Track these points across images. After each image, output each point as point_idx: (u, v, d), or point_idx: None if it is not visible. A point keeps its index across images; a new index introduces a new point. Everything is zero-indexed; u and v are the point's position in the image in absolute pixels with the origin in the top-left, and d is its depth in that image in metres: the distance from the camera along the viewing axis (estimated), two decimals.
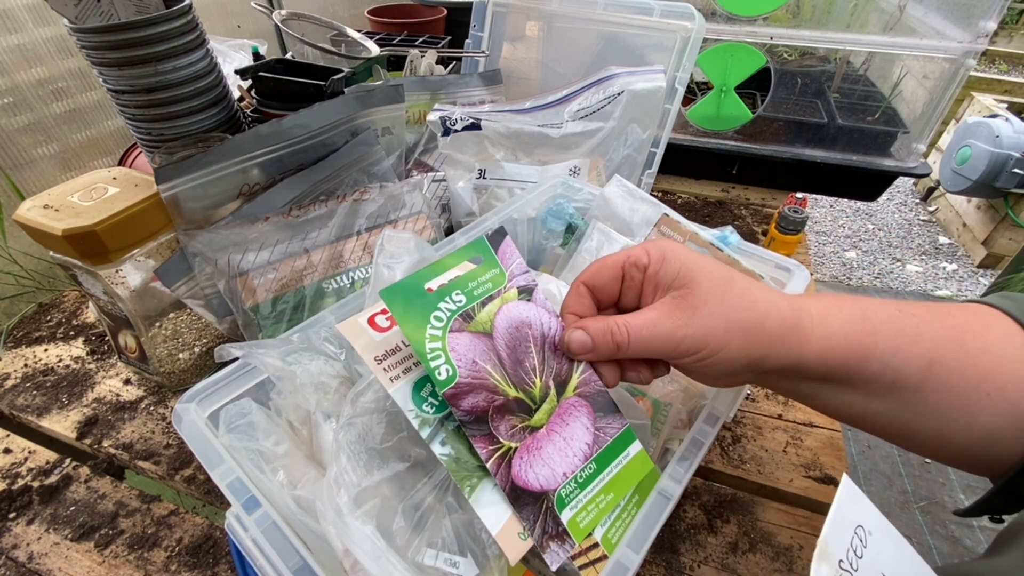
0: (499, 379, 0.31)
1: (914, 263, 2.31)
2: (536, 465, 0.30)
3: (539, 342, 0.33)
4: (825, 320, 0.31)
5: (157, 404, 0.56)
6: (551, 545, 0.29)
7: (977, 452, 0.31)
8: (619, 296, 0.35)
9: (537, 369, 0.33)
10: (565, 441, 0.32)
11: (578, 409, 0.33)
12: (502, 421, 0.31)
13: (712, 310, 0.30)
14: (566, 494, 0.31)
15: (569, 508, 0.30)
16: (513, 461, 0.30)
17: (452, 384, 0.30)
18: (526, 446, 0.31)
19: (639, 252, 0.33)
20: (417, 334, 0.30)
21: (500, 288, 0.34)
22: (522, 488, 0.30)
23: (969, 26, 0.76)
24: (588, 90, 0.64)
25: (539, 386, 0.32)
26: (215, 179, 0.50)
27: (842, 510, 0.25)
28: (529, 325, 0.33)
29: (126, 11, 0.53)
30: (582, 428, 0.33)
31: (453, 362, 0.30)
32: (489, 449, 0.30)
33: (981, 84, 2.72)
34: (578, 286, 0.35)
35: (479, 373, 0.31)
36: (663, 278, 0.32)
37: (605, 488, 0.32)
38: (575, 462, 0.32)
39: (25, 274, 0.80)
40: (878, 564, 0.25)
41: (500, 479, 0.29)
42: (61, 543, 0.45)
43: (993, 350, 0.30)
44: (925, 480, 1.42)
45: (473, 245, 0.35)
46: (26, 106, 0.80)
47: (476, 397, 0.30)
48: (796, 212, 0.73)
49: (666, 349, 0.31)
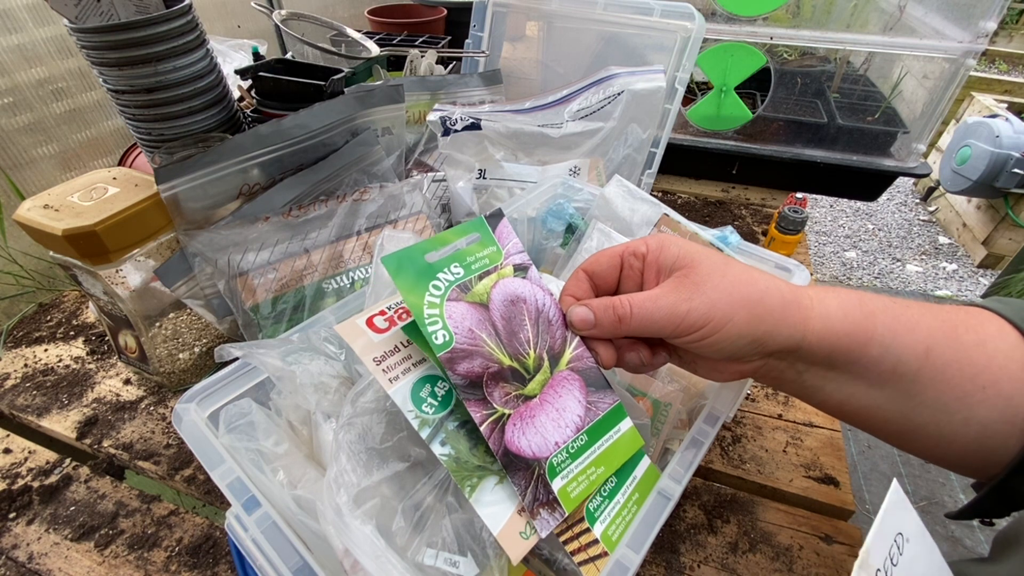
0: (494, 347, 0.32)
1: (914, 263, 2.31)
2: (529, 432, 0.31)
3: (533, 316, 0.34)
4: (824, 300, 0.32)
5: (157, 404, 0.56)
6: (541, 512, 0.30)
7: (973, 448, 0.31)
8: (617, 285, 0.35)
9: (531, 341, 0.33)
10: (557, 412, 0.32)
11: (571, 382, 0.34)
12: (496, 388, 0.31)
13: (715, 284, 0.31)
14: (558, 463, 0.31)
15: (560, 477, 0.31)
16: (506, 427, 0.31)
17: (448, 349, 0.30)
18: (519, 413, 0.31)
19: (637, 243, 0.34)
20: (416, 300, 0.31)
21: (497, 264, 0.35)
22: (514, 454, 0.30)
23: (969, 26, 0.76)
24: (588, 90, 0.64)
25: (533, 357, 0.33)
26: (215, 179, 0.50)
27: (888, 517, 0.25)
28: (524, 300, 0.34)
29: (126, 11, 0.53)
30: (574, 400, 0.33)
31: (450, 328, 0.31)
32: (483, 413, 0.30)
33: (981, 84, 2.72)
34: (578, 272, 0.35)
35: (475, 340, 0.31)
36: (664, 262, 0.33)
37: (596, 461, 0.33)
38: (567, 432, 0.32)
39: (25, 274, 0.80)
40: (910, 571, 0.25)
41: (493, 443, 0.30)
42: (61, 543, 0.45)
43: (987, 344, 0.30)
44: (925, 480, 1.42)
45: (472, 224, 0.35)
46: (26, 106, 0.80)
47: (472, 363, 0.31)
48: (796, 212, 0.73)
49: (671, 323, 0.31)
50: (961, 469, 0.33)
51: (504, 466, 0.30)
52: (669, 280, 0.32)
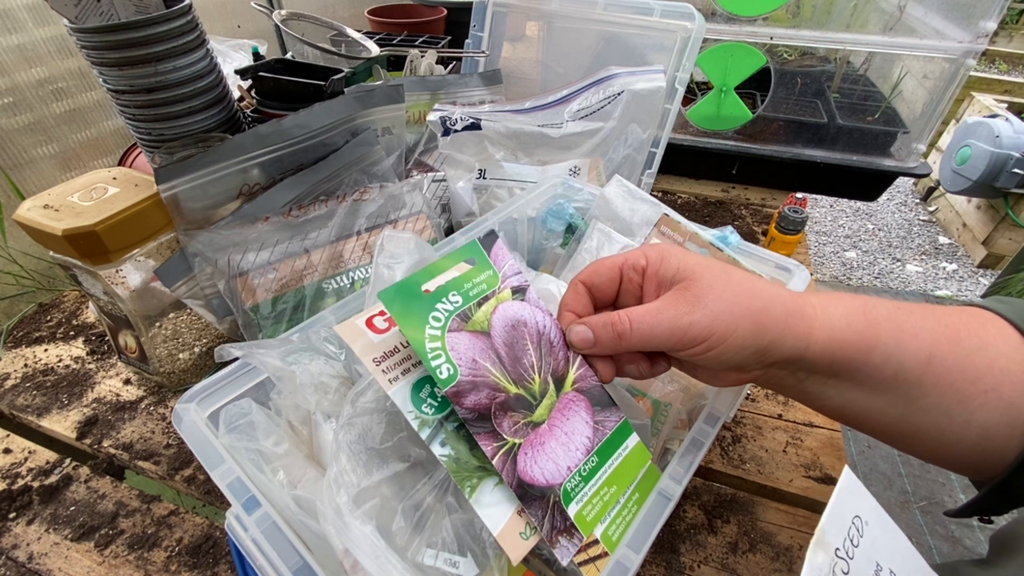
0: (499, 376, 0.32)
1: (914, 263, 2.31)
2: (540, 460, 0.31)
3: (535, 339, 0.34)
4: (827, 309, 0.31)
5: (157, 404, 0.56)
6: (560, 540, 0.30)
7: (974, 450, 0.31)
8: (616, 298, 0.35)
9: (535, 365, 0.33)
10: (567, 435, 0.32)
11: (576, 403, 0.33)
12: (505, 418, 0.31)
13: (717, 296, 0.30)
14: (571, 487, 0.31)
15: (575, 502, 0.31)
16: (518, 457, 0.30)
17: (454, 383, 0.30)
18: (529, 442, 0.31)
19: (637, 255, 0.33)
20: (417, 334, 0.30)
21: (494, 289, 0.34)
22: (529, 483, 0.30)
23: (969, 26, 0.76)
24: (588, 90, 0.64)
25: (538, 382, 0.33)
26: (215, 179, 0.50)
27: (841, 500, 0.26)
28: (524, 323, 0.34)
29: (126, 11, 0.53)
30: (582, 422, 0.33)
31: (454, 361, 0.30)
32: (494, 446, 0.30)
33: (981, 84, 2.72)
34: (576, 284, 0.35)
35: (479, 371, 0.31)
36: (664, 275, 0.32)
37: (608, 481, 0.32)
38: (578, 456, 0.32)
39: (25, 274, 0.80)
40: (873, 553, 0.25)
41: (507, 476, 0.30)
42: (61, 543, 0.45)
43: (989, 347, 0.30)
44: (925, 480, 1.42)
45: (466, 248, 0.35)
46: (26, 106, 0.80)
47: (478, 395, 0.30)
48: (796, 212, 0.73)
49: (673, 337, 0.30)
50: (962, 470, 0.33)
51: (519, 497, 0.29)
52: (669, 293, 0.31)
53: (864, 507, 0.26)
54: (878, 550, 0.25)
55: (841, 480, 0.26)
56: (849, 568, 0.24)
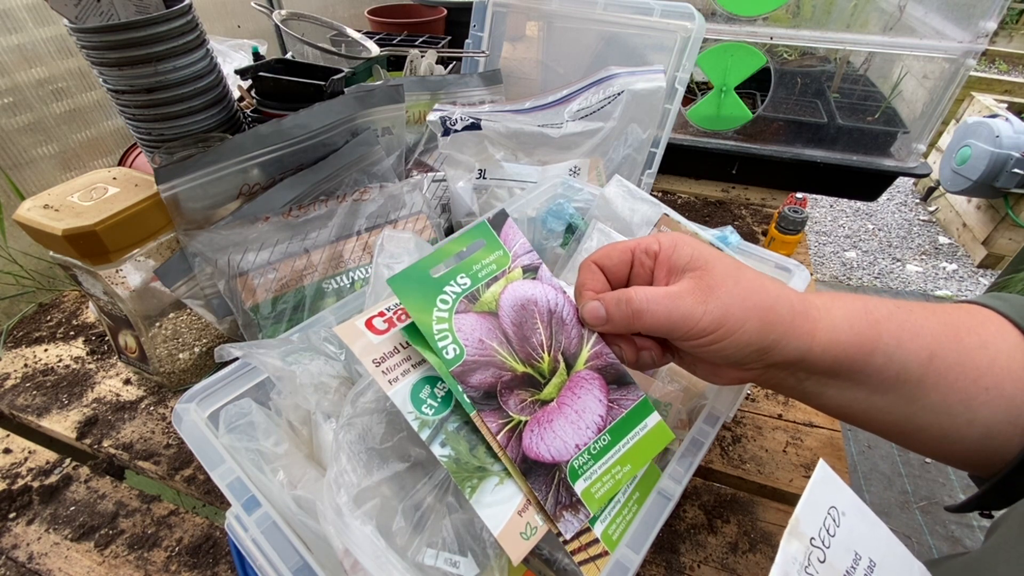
0: (506, 355, 0.32)
1: (914, 263, 2.31)
2: (547, 437, 0.31)
3: (546, 318, 0.34)
4: (831, 311, 0.31)
5: (157, 404, 0.56)
6: (564, 515, 0.30)
7: (976, 448, 0.31)
8: (627, 281, 0.35)
9: (545, 344, 0.33)
10: (577, 413, 0.32)
11: (590, 382, 0.33)
12: (511, 396, 0.31)
13: (729, 290, 0.30)
14: (579, 465, 0.31)
15: (583, 479, 0.31)
16: (524, 434, 0.31)
17: (460, 362, 0.30)
18: (536, 419, 0.31)
19: (649, 240, 0.34)
20: (424, 317, 0.31)
21: (504, 269, 0.34)
22: (533, 460, 0.30)
23: (969, 26, 0.76)
24: (588, 90, 0.64)
25: (547, 361, 0.33)
26: (215, 179, 0.50)
27: (815, 492, 0.26)
28: (535, 302, 0.34)
29: (126, 11, 0.53)
30: (594, 400, 0.33)
31: (460, 341, 0.31)
32: (499, 423, 0.30)
33: (981, 84, 2.72)
34: (589, 264, 0.35)
35: (486, 351, 0.31)
36: (676, 261, 0.32)
37: (622, 459, 0.32)
38: (588, 434, 0.32)
39: (25, 274, 0.80)
40: (851, 542, 0.25)
41: (511, 451, 0.30)
42: (61, 543, 0.45)
43: (989, 346, 0.30)
44: (925, 480, 1.42)
45: (475, 230, 0.35)
46: (26, 106, 0.80)
47: (484, 373, 0.31)
48: (796, 212, 0.73)
49: (686, 326, 0.30)
50: (964, 466, 0.33)
51: (523, 472, 0.30)
52: (684, 280, 0.31)
53: (840, 498, 0.26)
54: (856, 540, 0.26)
55: (816, 472, 0.27)
56: (826, 557, 0.24)
